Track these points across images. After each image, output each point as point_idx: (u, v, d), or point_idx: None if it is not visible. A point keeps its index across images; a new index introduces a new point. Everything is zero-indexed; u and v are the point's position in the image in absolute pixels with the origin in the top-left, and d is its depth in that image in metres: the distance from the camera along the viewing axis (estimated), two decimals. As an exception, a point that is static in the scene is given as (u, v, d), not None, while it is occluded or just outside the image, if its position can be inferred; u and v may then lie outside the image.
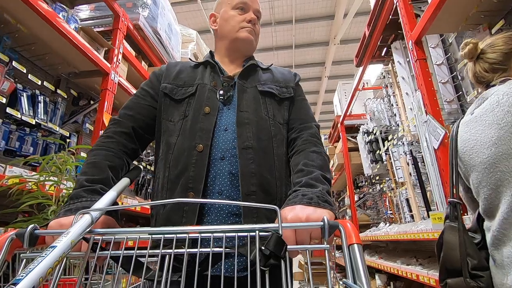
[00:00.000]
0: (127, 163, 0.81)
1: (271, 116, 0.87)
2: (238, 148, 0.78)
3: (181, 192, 0.75)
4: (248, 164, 0.77)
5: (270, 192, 0.78)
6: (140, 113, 0.86)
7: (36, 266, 0.35)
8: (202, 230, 0.50)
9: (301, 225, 0.53)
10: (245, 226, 0.50)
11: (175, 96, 0.87)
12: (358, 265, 0.43)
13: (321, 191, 0.65)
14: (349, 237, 0.46)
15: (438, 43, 2.00)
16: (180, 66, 0.94)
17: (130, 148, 0.82)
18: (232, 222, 0.74)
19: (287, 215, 0.60)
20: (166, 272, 0.46)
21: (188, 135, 0.80)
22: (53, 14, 1.65)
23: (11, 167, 1.38)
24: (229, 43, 0.95)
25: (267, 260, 0.45)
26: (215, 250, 0.48)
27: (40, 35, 1.73)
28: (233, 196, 0.75)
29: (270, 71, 0.96)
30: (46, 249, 0.39)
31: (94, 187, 0.68)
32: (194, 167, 0.76)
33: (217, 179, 0.76)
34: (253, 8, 0.95)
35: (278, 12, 8.10)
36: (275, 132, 0.85)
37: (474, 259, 0.79)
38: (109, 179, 0.72)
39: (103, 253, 0.50)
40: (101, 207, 0.56)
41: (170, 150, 0.80)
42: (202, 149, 0.77)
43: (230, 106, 0.85)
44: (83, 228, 0.48)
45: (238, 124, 0.81)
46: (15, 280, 0.33)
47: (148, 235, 0.49)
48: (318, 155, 0.78)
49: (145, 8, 2.58)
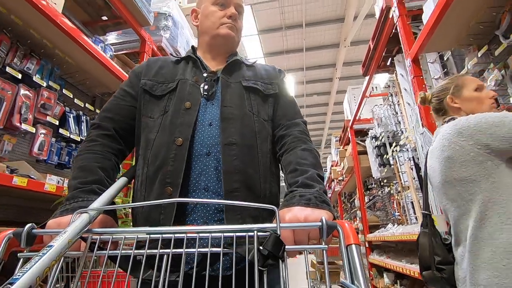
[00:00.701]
0: (116, 163, 0.80)
1: (256, 112, 0.85)
2: (222, 143, 0.76)
3: (159, 188, 0.73)
4: (231, 160, 0.75)
5: (254, 189, 0.76)
6: (120, 114, 0.84)
7: (33, 265, 0.35)
8: (200, 230, 0.50)
9: (299, 225, 0.54)
10: (244, 226, 0.50)
11: (155, 92, 0.85)
12: (356, 266, 0.43)
13: (318, 191, 0.65)
14: (347, 237, 0.46)
15: (436, 59, 2.17)
16: (161, 62, 0.92)
17: (116, 148, 0.81)
18: (218, 218, 0.72)
19: (285, 216, 0.60)
20: (164, 272, 0.46)
21: (168, 130, 0.78)
22: (94, 47, 1.94)
23: (50, 176, 1.65)
24: (209, 39, 0.92)
25: (265, 260, 0.45)
26: (213, 250, 0.48)
27: (83, 64, 2.02)
28: (220, 192, 0.74)
29: (254, 67, 0.95)
30: (43, 248, 0.39)
31: (90, 187, 0.67)
32: (173, 161, 0.74)
33: (203, 175, 0.75)
34: (234, 2, 0.92)
35: (289, 17, 8.26)
36: (259, 129, 0.83)
37: (439, 257, 1.02)
38: (103, 179, 0.71)
39: (101, 253, 0.50)
40: (99, 206, 0.55)
41: (149, 146, 0.78)
42: (182, 143, 0.75)
43: (213, 101, 0.84)
44: (81, 227, 0.47)
45: (222, 119, 0.80)
46: (11, 280, 0.33)
47: (146, 234, 0.49)
48: (309, 152, 0.78)
49: (167, 30, 2.86)
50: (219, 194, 0.73)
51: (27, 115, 1.64)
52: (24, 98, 1.63)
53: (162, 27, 2.85)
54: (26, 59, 1.68)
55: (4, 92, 1.53)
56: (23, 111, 1.61)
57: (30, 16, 1.56)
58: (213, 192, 0.74)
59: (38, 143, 1.73)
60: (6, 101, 1.53)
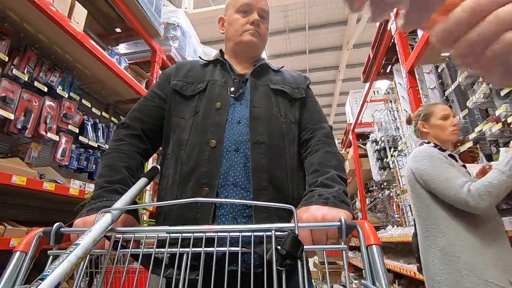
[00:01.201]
0: (141, 163, 0.82)
1: (283, 114, 0.86)
2: (250, 141, 0.78)
3: (194, 188, 0.74)
4: (260, 158, 0.76)
5: (281, 189, 0.77)
6: (148, 115, 0.87)
7: (61, 262, 0.37)
8: (218, 230, 0.50)
9: (317, 225, 0.52)
10: (261, 226, 0.50)
11: (185, 93, 0.87)
12: (377, 266, 0.42)
13: (337, 191, 0.65)
14: (367, 237, 0.45)
15: (432, 70, 2.28)
16: (190, 65, 0.95)
17: (142, 148, 0.83)
18: (246, 215, 0.72)
19: (302, 215, 0.60)
20: (184, 271, 0.47)
21: (199, 131, 0.80)
22: (110, 59, 2.09)
23: (74, 180, 1.80)
24: (233, 46, 0.95)
25: (284, 260, 0.45)
26: (232, 249, 0.48)
27: (100, 75, 2.17)
28: (248, 188, 0.74)
29: (281, 73, 0.97)
30: (70, 246, 0.41)
31: (114, 187, 0.69)
32: (208, 162, 0.75)
33: (231, 170, 0.75)
34: (257, 8, 0.94)
35: (292, 20, 8.36)
36: (287, 130, 0.84)
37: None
38: (127, 179, 0.73)
39: (124, 251, 0.51)
40: (121, 206, 0.57)
41: (182, 147, 0.79)
42: (215, 145, 0.77)
43: (242, 101, 0.85)
44: (105, 226, 0.49)
45: (251, 118, 0.81)
46: (42, 276, 0.35)
47: (166, 234, 0.50)
48: (333, 155, 0.78)
49: (176, 40, 3.00)
50: (248, 190, 0.74)
51: (52, 124, 1.79)
52: (49, 109, 1.79)
53: (171, 37, 3.00)
54: (50, 73, 1.83)
55: (32, 104, 1.68)
56: (48, 120, 1.77)
57: (55, 35, 1.71)
58: (242, 188, 0.74)
59: (61, 150, 1.88)
60: (34, 112, 1.68)
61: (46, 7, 1.51)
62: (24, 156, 1.71)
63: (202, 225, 0.54)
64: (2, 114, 1.49)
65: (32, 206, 1.78)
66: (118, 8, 2.31)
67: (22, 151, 1.74)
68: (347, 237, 0.47)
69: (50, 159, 1.90)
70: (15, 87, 1.59)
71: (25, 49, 1.69)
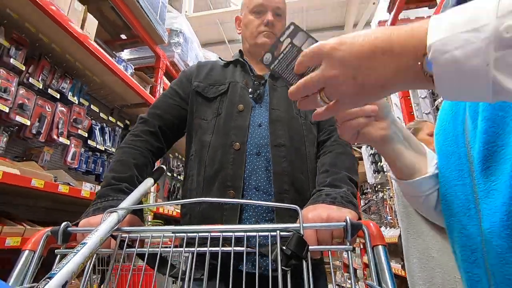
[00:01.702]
0: (151, 161, 0.83)
1: (303, 115, 0.86)
2: (271, 145, 0.78)
3: (219, 190, 0.75)
4: (281, 162, 0.77)
5: (302, 191, 0.77)
6: (168, 112, 0.88)
7: (68, 261, 0.38)
8: (223, 230, 0.50)
9: (323, 225, 0.52)
10: (267, 226, 0.51)
11: (207, 95, 0.87)
12: (383, 267, 0.41)
13: (345, 192, 0.65)
14: (373, 238, 0.45)
15: (423, 80, 2.42)
16: (210, 65, 0.95)
17: (156, 146, 0.84)
18: (268, 218, 0.73)
19: (308, 213, 0.59)
20: (189, 270, 0.47)
21: (222, 133, 0.80)
22: (117, 66, 2.18)
23: (85, 183, 1.90)
24: (250, 47, 0.96)
25: (288, 260, 0.44)
26: (237, 249, 0.48)
27: (107, 82, 2.26)
28: (270, 191, 0.75)
29: None
30: (77, 245, 0.41)
31: (120, 186, 0.70)
32: (232, 165, 0.76)
33: (254, 174, 0.76)
34: (271, 7, 0.93)
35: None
36: (307, 132, 0.84)
37: None
38: (134, 177, 0.74)
39: (130, 250, 0.52)
40: (127, 206, 0.58)
41: (205, 148, 0.80)
42: (239, 147, 0.77)
43: (261, 104, 0.85)
44: (111, 226, 0.49)
45: (271, 121, 0.81)
46: (50, 274, 0.35)
47: (171, 233, 0.51)
48: (346, 156, 0.78)
49: (178, 46, 3.10)
50: (270, 194, 0.75)
51: (63, 129, 1.88)
52: (60, 114, 1.88)
53: (174, 43, 3.10)
54: (61, 79, 1.92)
55: (45, 110, 1.77)
56: (60, 125, 1.86)
57: (67, 44, 1.80)
58: (264, 192, 0.75)
59: (71, 153, 1.97)
60: (47, 118, 1.77)
61: (63, 20, 1.60)
62: (37, 160, 1.79)
63: (208, 225, 0.54)
64: (20, 120, 1.58)
65: (46, 207, 1.87)
66: (125, 16, 2.40)
67: (35, 154, 1.82)
68: (353, 237, 0.47)
69: (61, 162, 1.99)
70: (30, 94, 1.68)
71: (39, 58, 1.78)
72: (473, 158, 0.44)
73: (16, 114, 1.57)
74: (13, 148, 1.74)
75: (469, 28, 0.27)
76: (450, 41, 0.27)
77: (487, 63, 0.26)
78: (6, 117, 1.54)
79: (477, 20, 0.27)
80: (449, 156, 0.49)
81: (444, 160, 0.51)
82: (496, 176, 0.39)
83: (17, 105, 1.58)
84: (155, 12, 2.65)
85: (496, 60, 0.26)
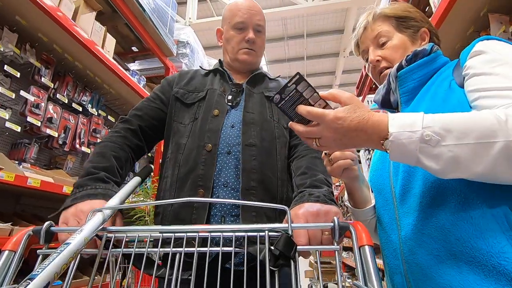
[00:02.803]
0: (131, 157, 0.84)
1: (276, 119, 0.90)
2: (242, 144, 0.81)
3: (190, 189, 0.77)
4: (250, 160, 0.80)
5: (271, 190, 0.80)
6: (148, 114, 0.90)
7: (51, 262, 0.37)
8: (212, 230, 0.50)
9: (310, 226, 0.53)
10: (255, 226, 0.50)
11: (186, 100, 0.91)
12: (369, 267, 0.42)
13: (326, 191, 0.68)
14: (360, 238, 0.45)
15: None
16: (191, 74, 0.99)
17: (135, 143, 0.85)
18: (234, 214, 0.76)
19: (297, 212, 0.61)
20: (176, 271, 0.46)
21: (197, 136, 0.83)
22: (132, 79, 2.36)
23: None
24: (231, 61, 0.99)
25: (276, 260, 0.45)
26: (225, 249, 0.48)
27: (122, 93, 2.44)
28: (238, 188, 0.78)
29: (277, 81, 1.01)
30: (61, 246, 0.40)
31: (99, 175, 0.69)
32: (204, 165, 0.79)
33: (223, 171, 0.79)
34: (252, 24, 0.95)
35: (291, 28, 8.63)
36: (279, 134, 0.88)
37: None
38: (114, 167, 0.74)
39: (116, 251, 0.50)
40: (113, 205, 0.56)
41: (180, 150, 0.83)
42: (211, 149, 0.81)
43: (237, 108, 0.89)
44: (96, 226, 0.48)
45: (244, 122, 0.85)
46: (31, 275, 0.34)
47: (158, 233, 0.50)
48: (320, 160, 0.80)
49: (185, 57, 3.28)
50: (237, 191, 0.78)
51: (84, 139, 2.06)
52: (82, 126, 2.06)
53: (181, 54, 3.27)
54: (82, 93, 2.10)
55: (69, 122, 1.95)
56: (82, 136, 2.04)
57: (89, 61, 1.98)
58: (232, 189, 0.78)
59: (91, 161, 2.15)
60: (71, 129, 1.95)
61: (86, 41, 1.78)
62: (61, 167, 1.97)
63: (195, 225, 0.51)
64: (49, 132, 1.76)
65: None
66: (136, 30, 2.58)
67: (59, 162, 2.00)
68: (340, 237, 0.48)
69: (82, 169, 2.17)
70: (57, 108, 1.86)
71: (64, 74, 1.96)
72: (395, 193, 0.67)
73: (46, 127, 1.75)
74: (41, 157, 1.92)
75: (410, 129, 0.48)
76: (401, 134, 0.48)
77: (416, 149, 0.48)
78: (38, 130, 1.72)
79: (414, 125, 0.48)
80: (380, 191, 0.74)
81: (377, 194, 0.76)
82: (408, 204, 0.63)
83: (47, 119, 1.76)
84: (164, 26, 2.83)
85: (421, 148, 0.48)
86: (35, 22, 1.65)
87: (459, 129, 0.46)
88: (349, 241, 0.54)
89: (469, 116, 0.48)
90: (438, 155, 0.47)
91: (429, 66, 0.70)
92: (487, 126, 0.46)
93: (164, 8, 2.77)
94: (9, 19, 1.62)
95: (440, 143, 0.46)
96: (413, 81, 0.70)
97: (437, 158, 0.47)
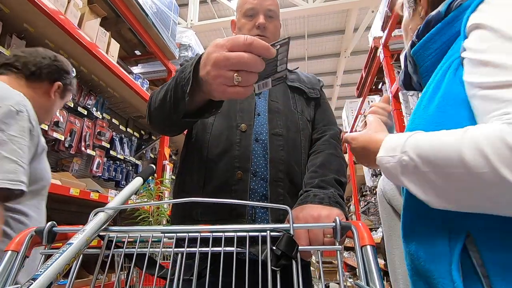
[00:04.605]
0: None
1: (300, 110, 0.88)
2: (269, 133, 0.79)
3: (226, 171, 0.75)
4: (278, 150, 0.78)
5: (296, 183, 0.78)
6: None
7: (53, 262, 0.37)
8: (213, 230, 0.50)
9: (312, 226, 0.52)
10: (257, 226, 0.51)
11: None
12: (371, 267, 0.42)
13: (332, 193, 0.66)
14: (361, 238, 0.45)
15: (414, 93, 2.62)
16: None
17: None
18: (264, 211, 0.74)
19: (298, 214, 0.60)
20: (178, 271, 0.46)
21: (226, 115, 0.80)
22: (135, 83, 2.41)
23: (111, 190, 2.12)
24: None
25: (278, 260, 0.45)
26: (227, 250, 0.48)
27: (125, 96, 2.49)
28: (267, 178, 0.76)
29: (297, 73, 0.99)
30: (63, 246, 0.41)
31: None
32: (239, 146, 0.76)
33: (252, 160, 0.77)
34: (263, 9, 0.92)
35: (292, 28, 8.67)
36: (303, 126, 0.86)
37: None
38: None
39: (118, 251, 0.51)
40: (116, 206, 0.57)
41: (207, 130, 0.80)
42: (246, 129, 0.78)
43: (261, 96, 0.87)
44: (98, 226, 0.49)
45: (270, 111, 0.83)
46: (34, 276, 0.34)
47: (160, 233, 0.50)
48: (335, 158, 0.79)
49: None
50: (266, 181, 0.76)
51: (89, 141, 2.11)
52: (87, 129, 2.11)
53: (183, 57, 3.32)
54: (87, 97, 2.15)
55: (75, 126, 2.00)
56: (87, 138, 2.09)
57: (94, 66, 2.03)
58: (261, 178, 0.76)
59: (96, 163, 2.20)
60: (77, 132, 2.00)
61: (92, 47, 1.83)
62: (67, 169, 2.02)
63: (197, 226, 0.54)
64: (56, 136, 1.82)
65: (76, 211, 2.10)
66: (140, 35, 2.63)
67: (65, 164, 2.05)
68: (342, 237, 0.48)
69: (87, 171, 2.22)
70: (63, 112, 1.91)
71: (70, 79, 2.01)
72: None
73: (53, 131, 1.80)
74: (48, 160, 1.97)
75: (392, 154, 0.50)
76: (383, 159, 0.51)
77: (398, 172, 0.49)
78: (45, 133, 1.77)
79: (395, 150, 0.50)
80: None
81: None
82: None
83: (53, 122, 1.81)
84: (167, 30, 2.87)
85: (401, 171, 0.49)
86: (42, 29, 1.70)
87: (430, 155, 0.43)
88: (351, 241, 0.57)
89: (440, 139, 0.43)
90: (418, 181, 0.46)
91: (447, 33, 0.54)
92: (453, 154, 0.41)
93: (166, 12, 2.82)
94: (17, 27, 1.67)
95: (417, 169, 0.45)
96: (429, 57, 0.57)
97: (418, 184, 0.46)
